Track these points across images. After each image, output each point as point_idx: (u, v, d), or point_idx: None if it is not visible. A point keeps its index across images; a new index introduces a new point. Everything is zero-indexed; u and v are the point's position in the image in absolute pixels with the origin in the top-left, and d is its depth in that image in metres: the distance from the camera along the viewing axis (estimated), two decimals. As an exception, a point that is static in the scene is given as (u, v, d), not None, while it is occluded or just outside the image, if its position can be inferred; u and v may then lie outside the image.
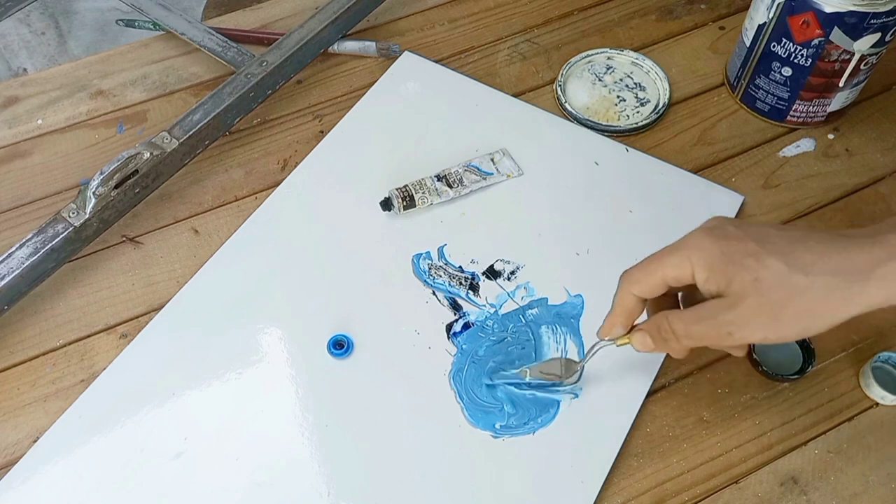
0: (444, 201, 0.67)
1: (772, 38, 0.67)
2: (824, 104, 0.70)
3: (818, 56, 0.65)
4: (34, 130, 0.74)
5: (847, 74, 0.66)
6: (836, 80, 0.67)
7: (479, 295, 0.62)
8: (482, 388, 0.57)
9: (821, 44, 0.65)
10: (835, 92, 0.68)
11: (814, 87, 0.68)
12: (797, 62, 0.67)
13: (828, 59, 0.65)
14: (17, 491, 0.53)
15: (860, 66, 0.66)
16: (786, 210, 0.68)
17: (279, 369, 0.58)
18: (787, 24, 0.65)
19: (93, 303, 0.63)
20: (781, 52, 0.67)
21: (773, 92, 0.71)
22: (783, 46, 0.67)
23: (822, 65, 0.66)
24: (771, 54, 0.68)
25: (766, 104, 0.72)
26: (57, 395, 0.58)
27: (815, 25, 0.64)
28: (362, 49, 0.78)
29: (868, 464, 0.55)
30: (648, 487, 0.54)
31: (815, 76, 0.67)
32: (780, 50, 0.67)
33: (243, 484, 0.53)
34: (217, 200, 0.69)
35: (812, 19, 0.64)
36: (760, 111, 0.73)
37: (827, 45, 0.64)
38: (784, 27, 0.66)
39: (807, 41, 0.65)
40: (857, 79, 0.68)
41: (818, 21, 0.63)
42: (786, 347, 0.60)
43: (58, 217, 0.61)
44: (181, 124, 0.66)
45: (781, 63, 0.68)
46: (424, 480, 0.54)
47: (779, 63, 0.68)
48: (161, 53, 0.80)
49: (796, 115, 0.71)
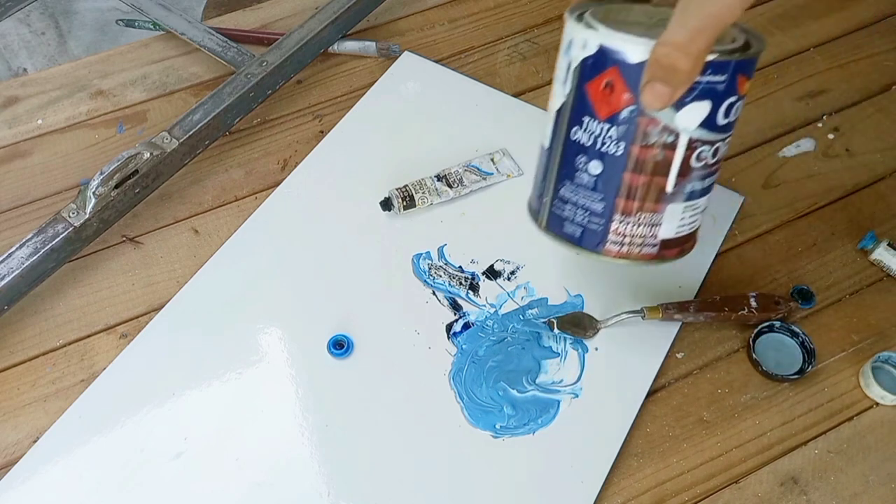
0: (444, 201, 0.66)
1: (572, 122, 0.46)
2: (654, 223, 0.47)
3: (631, 137, 0.44)
4: (34, 130, 0.74)
5: (676, 171, 0.45)
6: (663, 181, 0.45)
7: (479, 295, 0.62)
8: (482, 389, 0.57)
9: (632, 116, 0.44)
10: (664, 201, 0.46)
11: (633, 191, 0.46)
12: (606, 150, 0.45)
13: (645, 141, 0.44)
14: (17, 491, 0.53)
15: (691, 158, 0.45)
16: (786, 210, 0.68)
17: (279, 369, 0.58)
18: (587, 95, 0.45)
19: (93, 303, 0.63)
20: (585, 139, 0.46)
21: (582, 204, 0.47)
22: (585, 129, 0.46)
23: (640, 152, 0.45)
24: (573, 146, 0.46)
25: (577, 225, 0.48)
26: (57, 395, 0.58)
27: (620, 87, 0.43)
28: (362, 49, 0.78)
29: (868, 464, 0.55)
30: (648, 487, 0.54)
31: (633, 172, 0.45)
32: (583, 136, 0.46)
33: (243, 484, 0.53)
34: (217, 200, 0.69)
35: (616, 78, 0.44)
36: (571, 238, 0.49)
37: (639, 118, 0.44)
38: (584, 100, 0.45)
39: (613, 114, 0.44)
40: (690, 185, 0.46)
41: (624, 80, 0.43)
42: (786, 348, 0.60)
43: (58, 217, 0.61)
44: (181, 124, 0.66)
45: (587, 155, 0.46)
46: (424, 480, 0.54)
47: (584, 156, 0.46)
48: (161, 53, 0.80)
49: (618, 239, 0.48)
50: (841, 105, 0.75)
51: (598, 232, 0.48)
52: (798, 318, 0.62)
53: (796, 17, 0.83)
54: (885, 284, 0.64)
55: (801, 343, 0.59)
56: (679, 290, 0.62)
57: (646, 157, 0.45)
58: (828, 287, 0.63)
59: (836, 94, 0.76)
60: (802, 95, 0.76)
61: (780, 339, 0.60)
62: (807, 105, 0.75)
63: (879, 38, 0.80)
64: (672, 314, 0.59)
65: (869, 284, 0.64)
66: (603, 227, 0.48)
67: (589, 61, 0.44)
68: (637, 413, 0.56)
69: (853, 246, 0.66)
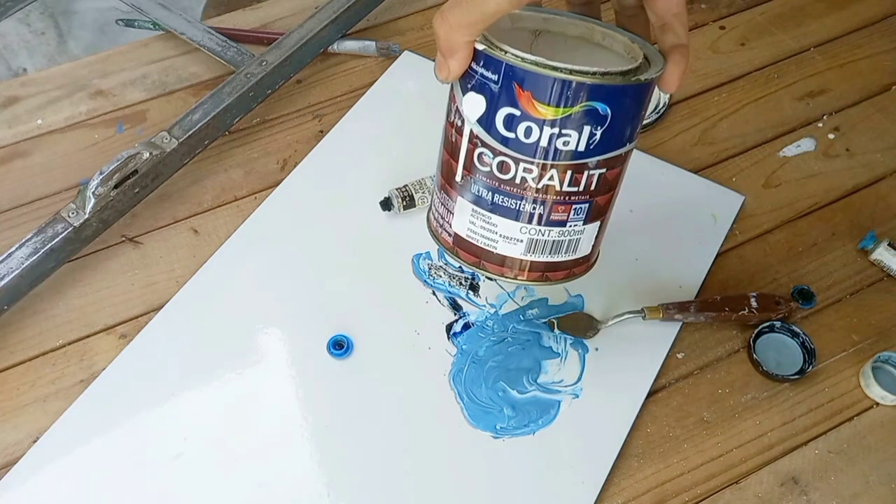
0: (444, 201, 0.66)
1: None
2: (449, 207, 0.46)
3: (447, 108, 0.44)
4: (34, 130, 0.74)
5: (462, 159, 0.43)
6: (455, 165, 0.44)
7: (479, 295, 0.62)
8: (482, 389, 0.57)
9: (450, 85, 0.43)
10: (455, 189, 0.45)
11: (442, 165, 0.46)
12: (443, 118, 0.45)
13: (449, 117, 0.44)
14: (17, 491, 0.53)
15: (474, 155, 0.43)
16: (786, 210, 0.68)
17: (279, 369, 0.58)
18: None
19: (92, 303, 0.63)
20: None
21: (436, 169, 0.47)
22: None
23: (447, 126, 0.45)
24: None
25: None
26: (57, 396, 0.58)
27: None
28: (362, 49, 0.78)
29: (868, 464, 0.55)
30: (649, 488, 0.54)
31: (443, 145, 0.45)
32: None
33: (243, 484, 0.53)
34: (217, 200, 0.69)
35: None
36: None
37: (450, 90, 0.44)
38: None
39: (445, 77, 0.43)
40: (476, 186, 0.43)
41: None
42: (786, 348, 0.60)
43: (57, 217, 0.61)
44: (181, 124, 0.66)
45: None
46: (425, 481, 0.54)
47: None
48: (161, 53, 0.80)
49: (434, 211, 0.48)
50: (841, 105, 0.75)
51: (431, 199, 0.49)
52: (798, 319, 0.62)
53: (796, 16, 0.83)
54: (885, 284, 0.64)
55: (802, 343, 0.59)
56: (679, 289, 0.62)
57: (448, 133, 0.44)
58: (828, 287, 0.63)
59: (837, 94, 0.76)
60: (802, 95, 0.76)
61: (781, 339, 0.60)
62: (807, 105, 0.75)
63: (879, 38, 0.80)
64: (673, 314, 0.59)
65: (869, 284, 0.64)
66: (433, 195, 0.48)
67: None
68: (637, 413, 0.56)
69: (854, 246, 0.65)
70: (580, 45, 0.46)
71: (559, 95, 0.39)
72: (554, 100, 0.39)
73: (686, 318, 0.59)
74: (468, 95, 0.41)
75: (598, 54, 0.46)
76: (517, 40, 0.41)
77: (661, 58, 0.43)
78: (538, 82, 0.39)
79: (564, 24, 0.46)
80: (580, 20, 0.46)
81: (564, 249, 0.46)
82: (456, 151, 0.44)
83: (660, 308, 0.59)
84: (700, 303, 0.60)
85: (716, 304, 0.60)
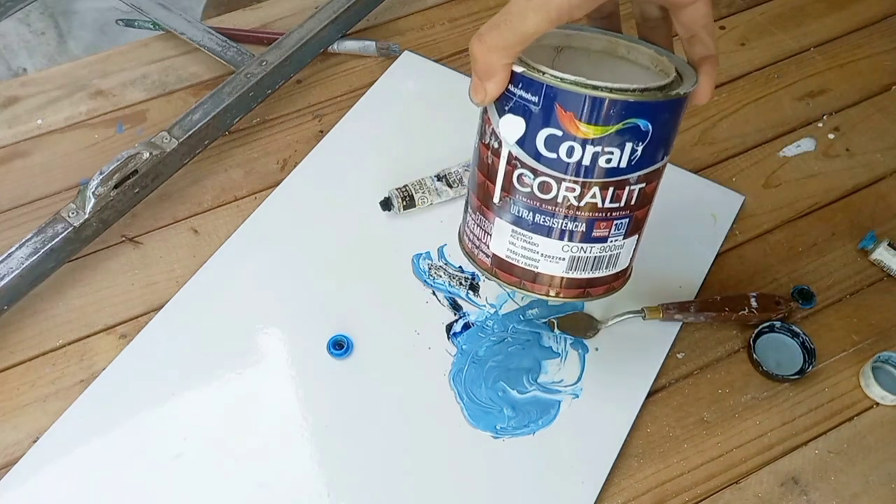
0: (444, 201, 0.66)
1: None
2: (486, 229, 0.45)
3: (479, 129, 0.44)
4: (34, 130, 0.74)
5: (500, 181, 0.43)
6: (492, 187, 0.44)
7: (479, 295, 0.62)
8: (482, 389, 0.57)
9: (483, 108, 0.43)
10: (493, 210, 0.44)
11: (477, 186, 0.45)
12: (475, 137, 0.45)
13: (483, 138, 0.44)
14: (17, 491, 0.53)
15: (513, 176, 0.42)
16: (786, 210, 0.68)
17: (279, 369, 0.58)
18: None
19: (92, 303, 0.63)
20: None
21: (468, 189, 0.47)
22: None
23: (482, 149, 0.44)
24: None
25: (464, 208, 0.48)
26: (57, 396, 0.58)
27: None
28: (362, 48, 0.78)
29: (868, 464, 0.55)
30: (649, 488, 0.54)
31: (478, 167, 0.45)
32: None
33: (243, 484, 0.53)
34: (216, 200, 0.69)
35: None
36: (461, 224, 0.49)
37: (484, 114, 0.43)
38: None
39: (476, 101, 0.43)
40: (516, 207, 0.43)
41: None
42: (786, 348, 0.60)
43: (57, 217, 0.61)
44: (181, 124, 0.66)
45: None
46: (425, 481, 0.54)
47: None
48: (161, 53, 0.80)
49: (468, 232, 0.47)
50: (841, 105, 0.75)
51: (464, 221, 0.48)
52: (798, 319, 0.62)
53: (796, 16, 0.83)
54: (885, 284, 0.64)
55: (802, 343, 0.59)
56: (679, 289, 0.62)
57: (483, 155, 0.44)
58: (828, 287, 0.63)
59: (837, 94, 0.76)
60: (802, 95, 0.76)
61: (781, 339, 0.60)
62: (807, 105, 0.75)
63: (879, 38, 0.80)
64: (673, 314, 0.59)
65: (869, 284, 0.64)
66: (465, 216, 0.48)
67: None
68: (637, 413, 0.56)
69: (854, 246, 0.65)
70: (604, 60, 0.46)
71: (602, 114, 0.39)
72: (597, 119, 0.39)
73: (686, 318, 0.59)
74: (506, 118, 0.41)
75: (625, 68, 0.45)
76: (539, 57, 0.40)
77: (690, 69, 0.43)
78: (580, 102, 0.39)
79: (587, 38, 0.45)
80: (602, 34, 0.45)
81: (605, 265, 0.45)
82: (493, 173, 0.43)
83: (660, 308, 0.59)
84: (700, 303, 0.60)
85: (716, 304, 0.60)
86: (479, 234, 0.46)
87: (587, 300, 0.47)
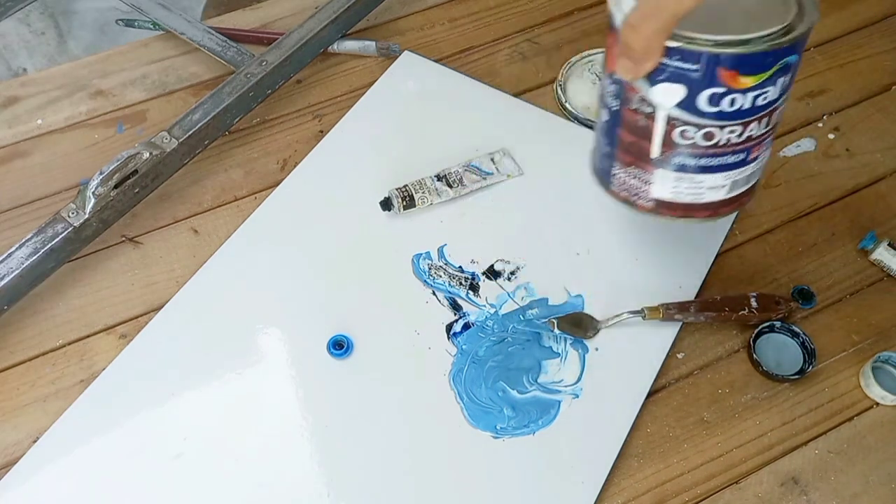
0: (444, 201, 0.66)
1: (604, 72, 0.50)
2: (645, 180, 0.51)
3: (622, 97, 0.48)
4: (34, 130, 0.74)
5: (658, 140, 0.48)
6: (647, 145, 0.48)
7: (479, 295, 0.62)
8: (482, 389, 0.57)
9: (621, 79, 0.47)
10: (650, 164, 0.49)
11: (627, 146, 0.50)
12: (608, 102, 0.50)
13: (629, 104, 0.48)
14: (17, 491, 0.53)
15: (674, 134, 0.47)
16: (786, 210, 0.68)
17: (279, 369, 0.58)
18: (607, 49, 0.48)
19: (92, 303, 0.63)
20: (602, 89, 0.50)
21: (600, 145, 0.53)
22: (604, 80, 0.50)
23: (628, 113, 0.48)
24: (601, 93, 0.51)
25: (599, 162, 0.54)
26: (57, 396, 0.58)
27: (614, 49, 0.46)
28: (362, 49, 0.78)
29: (868, 464, 0.55)
30: (649, 488, 0.54)
31: (625, 129, 0.49)
32: (603, 85, 0.50)
33: (243, 484, 0.53)
34: (216, 200, 0.69)
35: (612, 40, 0.47)
36: (596, 173, 0.55)
37: (626, 84, 0.47)
38: (606, 54, 0.49)
39: (611, 72, 0.48)
40: (679, 158, 0.48)
41: (615, 43, 0.46)
42: (786, 348, 0.60)
43: (57, 217, 0.61)
44: (181, 124, 0.66)
45: (602, 103, 0.51)
46: (425, 481, 0.54)
47: (602, 103, 0.51)
48: (161, 53, 0.80)
49: (618, 184, 0.53)
50: (841, 105, 0.75)
51: (608, 172, 0.53)
52: (798, 319, 0.62)
53: (796, 16, 0.82)
54: (885, 284, 0.64)
55: (802, 343, 0.59)
56: (679, 289, 0.62)
57: (631, 120, 0.48)
58: (828, 287, 0.63)
59: (837, 94, 0.76)
60: (802, 95, 0.76)
61: (781, 339, 0.60)
62: (807, 105, 0.75)
63: (879, 38, 0.80)
64: (672, 314, 0.59)
65: (869, 284, 0.64)
66: (609, 168, 0.53)
67: (611, 18, 0.47)
68: (637, 413, 0.56)
69: (854, 246, 0.65)
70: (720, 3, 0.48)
71: (762, 65, 0.44)
72: (756, 69, 0.44)
73: (686, 318, 0.59)
74: (662, 86, 0.45)
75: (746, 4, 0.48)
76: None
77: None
78: (741, 60, 0.43)
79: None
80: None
81: (754, 178, 0.51)
82: (648, 133, 0.48)
83: (660, 308, 0.59)
84: (700, 303, 0.60)
85: (716, 304, 0.60)
86: (637, 185, 0.51)
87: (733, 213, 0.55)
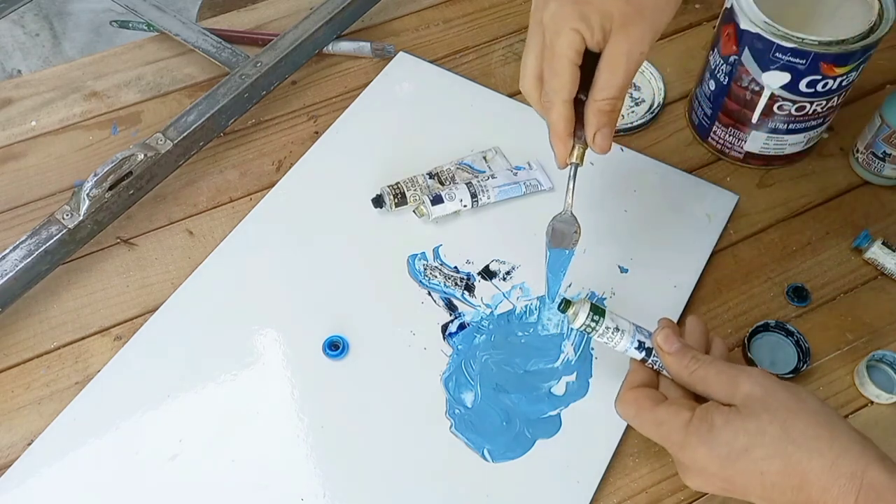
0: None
1: (713, 47, 0.65)
2: (740, 137, 0.67)
3: (733, 76, 0.63)
4: (28, 132, 0.74)
5: (759, 111, 0.63)
6: (749, 114, 0.64)
7: (475, 295, 0.62)
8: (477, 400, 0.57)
9: (735, 62, 0.62)
10: (748, 127, 0.65)
11: (730, 112, 0.66)
12: (719, 77, 0.65)
13: (740, 82, 0.63)
14: (12, 494, 0.53)
15: (773, 107, 0.63)
16: (780, 209, 0.68)
17: (274, 371, 0.58)
18: (721, 34, 0.63)
19: (87, 305, 0.63)
20: (712, 63, 0.66)
21: (702, 105, 0.69)
22: (714, 56, 0.65)
23: (736, 88, 0.64)
24: (708, 64, 0.67)
25: (698, 117, 0.70)
26: (51, 398, 0.58)
27: (733, 39, 0.61)
28: (357, 49, 0.78)
29: (863, 462, 0.55)
30: (644, 487, 0.54)
31: (731, 99, 0.65)
32: (713, 60, 0.65)
33: (239, 485, 0.53)
34: (212, 202, 0.69)
35: (732, 32, 0.61)
36: (693, 123, 0.71)
37: (739, 67, 0.62)
38: (720, 36, 0.64)
39: (726, 55, 0.63)
40: (773, 123, 0.64)
41: (735, 36, 0.61)
42: (780, 346, 0.60)
43: (52, 219, 0.61)
44: (175, 125, 0.66)
45: (710, 75, 0.66)
46: (421, 481, 0.54)
47: (709, 74, 0.67)
48: (155, 54, 0.80)
49: (716, 138, 0.69)
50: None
51: (707, 128, 0.69)
52: (793, 317, 0.62)
53: (790, 16, 0.83)
54: (879, 283, 0.64)
55: (796, 342, 0.60)
56: (674, 288, 0.62)
57: (739, 93, 0.64)
58: (822, 286, 0.63)
59: (830, 93, 0.76)
60: (796, 95, 0.76)
61: (775, 338, 0.60)
62: (801, 104, 0.75)
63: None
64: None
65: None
66: (709, 126, 0.69)
67: (728, 9, 0.61)
68: (633, 413, 0.56)
69: (847, 245, 0.66)
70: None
71: (852, 58, 0.59)
72: (848, 61, 0.59)
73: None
74: (772, 73, 0.60)
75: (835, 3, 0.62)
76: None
77: None
78: (838, 57, 0.58)
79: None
80: None
81: (822, 135, 0.69)
82: (752, 104, 0.64)
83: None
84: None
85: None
86: (732, 140, 0.68)
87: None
